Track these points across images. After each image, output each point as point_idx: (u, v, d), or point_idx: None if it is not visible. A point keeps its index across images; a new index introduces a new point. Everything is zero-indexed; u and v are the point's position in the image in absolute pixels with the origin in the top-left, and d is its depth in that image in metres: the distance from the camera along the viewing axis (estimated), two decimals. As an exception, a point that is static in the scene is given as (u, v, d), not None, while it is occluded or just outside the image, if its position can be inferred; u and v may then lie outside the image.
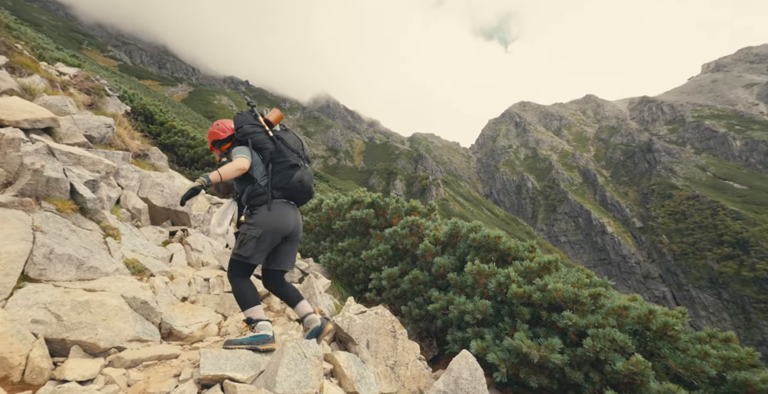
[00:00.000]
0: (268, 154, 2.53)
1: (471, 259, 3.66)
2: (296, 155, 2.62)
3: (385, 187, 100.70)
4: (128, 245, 3.94)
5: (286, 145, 2.61)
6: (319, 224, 6.41)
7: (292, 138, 2.73)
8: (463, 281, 3.62)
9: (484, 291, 3.35)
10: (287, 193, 2.54)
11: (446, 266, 3.87)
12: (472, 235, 3.67)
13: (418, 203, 5.33)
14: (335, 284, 5.49)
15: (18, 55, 5.57)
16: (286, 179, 2.51)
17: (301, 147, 2.73)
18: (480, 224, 3.84)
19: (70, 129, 4.67)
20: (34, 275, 2.61)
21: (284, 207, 2.54)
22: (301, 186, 2.56)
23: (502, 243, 3.45)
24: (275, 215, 2.47)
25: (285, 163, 2.53)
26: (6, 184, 3.13)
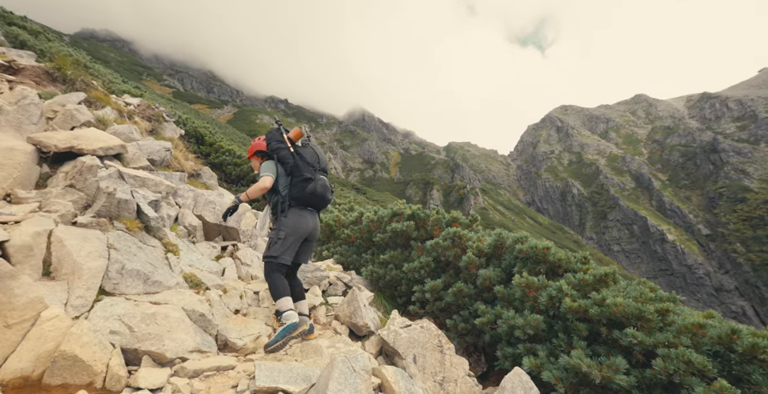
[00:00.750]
0: (289, 168, 2.98)
1: (518, 271, 3.53)
2: (311, 169, 3.02)
3: (421, 198, 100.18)
4: (186, 260, 4.22)
5: (304, 160, 3.01)
6: (360, 237, 6.49)
7: (309, 153, 3.10)
8: (510, 294, 3.50)
9: (534, 305, 3.20)
10: (303, 201, 2.97)
11: (492, 278, 3.76)
12: (519, 246, 3.54)
13: (459, 214, 5.25)
14: (378, 297, 5.50)
15: (94, 90, 6.29)
16: (301, 191, 2.93)
17: (317, 161, 3.12)
18: (526, 234, 3.70)
19: (136, 154, 5.16)
20: (109, 288, 2.87)
21: (301, 213, 2.97)
22: (314, 196, 2.96)
23: (552, 254, 3.30)
24: (294, 220, 2.92)
25: (300, 177, 2.94)
26: (86, 206, 3.51)
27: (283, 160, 2.98)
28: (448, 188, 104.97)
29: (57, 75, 5.93)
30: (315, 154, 3.12)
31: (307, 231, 2.99)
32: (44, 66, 5.97)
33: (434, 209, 5.54)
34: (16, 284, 1.92)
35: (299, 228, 2.92)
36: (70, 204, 3.28)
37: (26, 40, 7.81)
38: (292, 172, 2.97)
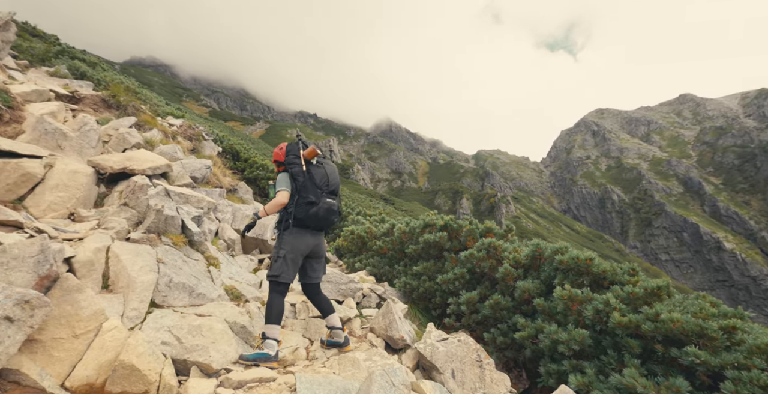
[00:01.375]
0: (298, 186, 2.99)
1: (559, 283, 3.39)
2: (318, 191, 3.00)
3: (451, 207, 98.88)
4: (226, 273, 4.40)
5: (312, 180, 3.01)
6: (392, 248, 6.50)
7: (319, 174, 3.09)
8: (551, 307, 3.36)
9: (578, 319, 3.05)
10: (304, 224, 2.98)
11: (531, 290, 3.64)
12: (559, 257, 3.41)
13: (493, 225, 5.15)
14: (412, 309, 5.45)
15: (142, 114, 6.81)
16: (304, 213, 2.94)
17: (326, 183, 3.09)
18: (567, 245, 3.56)
19: (180, 172, 5.50)
20: (158, 301, 3.04)
21: (301, 232, 2.99)
22: (316, 219, 2.97)
23: (595, 266, 3.14)
24: (293, 239, 2.95)
25: (305, 199, 2.94)
26: (137, 223, 3.77)
27: (294, 177, 3.02)
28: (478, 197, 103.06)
29: (112, 102, 6.48)
30: (325, 176, 3.11)
31: (307, 249, 3.02)
32: (101, 94, 6.54)
33: (467, 219, 5.47)
34: (82, 296, 2.08)
35: (298, 247, 2.96)
36: (124, 221, 3.54)
37: (85, 71, 8.62)
38: (299, 192, 2.98)
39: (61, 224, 3.30)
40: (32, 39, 11.01)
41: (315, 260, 3.22)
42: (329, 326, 3.31)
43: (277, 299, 2.92)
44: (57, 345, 1.90)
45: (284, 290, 2.97)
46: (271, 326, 2.85)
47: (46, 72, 7.91)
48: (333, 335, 3.33)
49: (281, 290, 2.95)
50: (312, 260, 3.20)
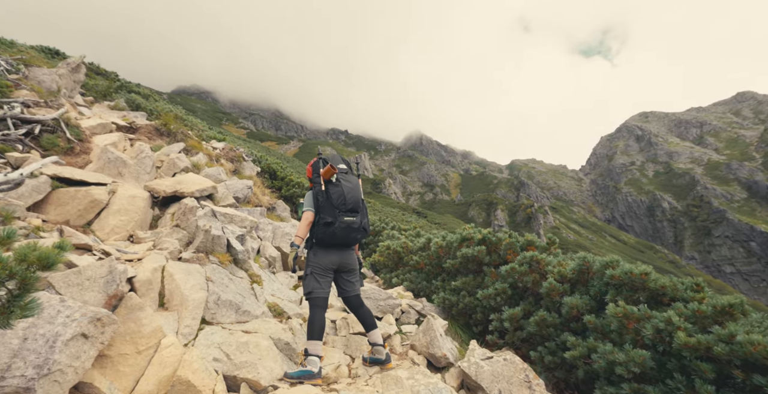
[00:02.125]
0: (318, 205, 3.05)
1: (611, 299, 3.18)
2: (335, 211, 3.00)
3: (485, 219, 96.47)
4: (268, 290, 4.53)
5: (330, 200, 3.03)
6: (429, 263, 6.42)
7: (337, 192, 3.09)
8: (604, 324, 3.15)
9: (636, 338, 2.84)
10: (325, 244, 3.03)
11: (579, 307, 3.44)
12: (609, 271, 3.21)
13: (535, 237, 4.96)
14: (452, 326, 5.32)
15: (190, 139, 7.31)
16: (322, 234, 3.00)
17: (343, 202, 3.06)
18: (617, 258, 3.35)
19: (224, 193, 5.81)
20: (208, 318, 3.18)
21: (324, 250, 3.05)
22: (334, 238, 2.99)
23: (652, 281, 2.92)
24: (319, 256, 3.03)
25: (323, 220, 2.99)
26: (188, 243, 4.00)
27: (316, 195, 3.10)
28: (513, 208, 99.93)
29: (163, 130, 7.03)
30: (342, 195, 3.06)
31: (332, 264, 3.06)
32: (154, 123, 7.11)
33: (506, 232, 5.31)
34: (144, 314, 2.23)
35: (324, 262, 3.02)
36: (176, 242, 3.77)
37: (140, 103, 9.44)
38: (318, 212, 3.03)
39: (122, 245, 3.57)
40: (96, 77, 12.26)
41: (346, 273, 3.23)
42: (371, 342, 3.29)
43: (319, 314, 2.96)
44: (123, 361, 2.03)
45: (324, 304, 3.02)
46: (314, 342, 2.87)
47: (107, 106, 8.75)
48: (374, 351, 3.30)
49: (321, 305, 3.00)
50: (343, 274, 3.22)
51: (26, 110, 4.78)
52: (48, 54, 13.39)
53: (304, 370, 2.77)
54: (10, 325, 1.26)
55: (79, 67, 7.13)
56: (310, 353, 2.83)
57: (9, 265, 1.22)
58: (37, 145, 4.53)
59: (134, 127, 6.76)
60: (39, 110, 5.02)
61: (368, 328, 3.25)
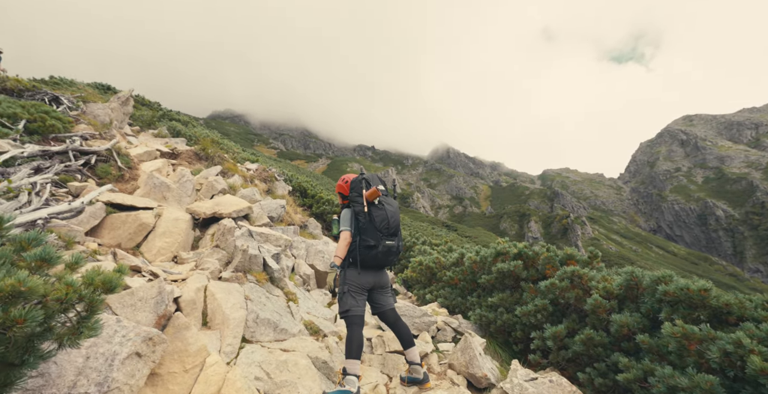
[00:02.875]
0: (359, 226, 3.06)
1: (666, 317, 2.95)
2: (378, 234, 3.02)
3: (518, 231, 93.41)
4: (304, 308, 4.59)
5: (373, 223, 3.03)
6: (463, 279, 6.28)
7: (381, 216, 3.10)
8: (660, 345, 2.93)
9: (699, 361, 2.61)
10: (363, 265, 3.05)
11: (630, 325, 3.22)
12: (662, 287, 3.00)
13: (575, 251, 4.75)
14: (490, 344, 5.13)
15: (226, 162, 7.70)
16: (363, 256, 3.02)
17: (386, 225, 3.09)
18: (670, 273, 3.13)
19: (259, 213, 6.02)
20: (248, 336, 3.26)
21: (363, 271, 3.04)
22: (375, 261, 3.03)
23: (714, 297, 2.69)
24: (354, 277, 3.03)
25: (365, 243, 3.00)
26: (227, 262, 4.16)
27: (356, 215, 3.10)
28: (547, 219, 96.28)
29: (202, 154, 7.45)
30: (386, 219, 3.09)
31: (368, 284, 3.07)
32: (193, 149, 7.57)
33: (543, 245, 5.13)
34: (190, 334, 2.33)
35: (360, 282, 3.03)
36: (216, 262, 3.93)
37: (180, 129, 10.10)
38: (360, 233, 3.04)
39: (167, 266, 3.77)
40: (142, 108, 13.29)
41: (379, 290, 3.23)
42: (409, 360, 3.23)
43: (357, 332, 2.94)
44: (171, 379, 2.12)
45: (361, 322, 3.00)
46: (352, 361, 2.84)
47: (152, 134, 9.42)
48: (412, 370, 3.24)
49: (358, 323, 2.98)
50: (377, 291, 3.23)
51: (84, 143, 5.25)
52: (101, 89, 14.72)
53: (343, 390, 2.75)
54: (78, 344, 1.36)
55: (128, 100, 7.79)
56: (349, 373, 2.81)
57: (79, 288, 1.32)
58: (93, 174, 4.94)
59: (176, 153, 7.22)
60: (95, 142, 5.50)
61: (406, 345, 3.20)
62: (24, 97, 6.63)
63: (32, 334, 1.20)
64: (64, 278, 1.35)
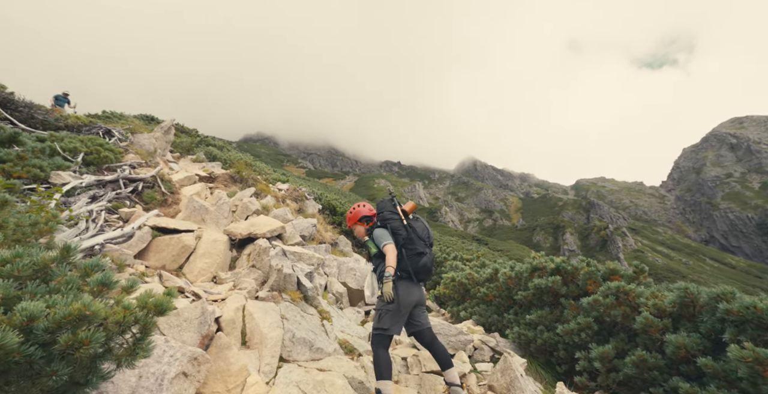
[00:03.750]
0: (401, 239, 3.06)
1: (732, 339, 2.70)
2: (423, 243, 3.10)
3: (552, 244, 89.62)
4: (338, 326, 4.59)
5: (416, 233, 3.10)
6: (498, 295, 6.08)
7: (420, 227, 3.21)
8: (727, 370, 2.68)
9: (773, 388, 2.36)
10: (416, 275, 3.02)
11: (688, 346, 2.97)
12: (723, 305, 2.76)
13: (618, 265, 4.50)
14: (532, 364, 4.88)
15: (259, 184, 8.01)
16: (415, 264, 3.00)
17: (427, 235, 3.19)
18: (732, 290, 2.89)
19: (291, 232, 6.17)
20: (285, 355, 3.29)
21: (409, 285, 2.99)
22: (425, 269, 3.03)
23: (783, 316, 2.44)
24: (403, 293, 2.93)
25: (414, 251, 3.02)
26: (263, 282, 4.27)
27: (395, 231, 3.08)
28: (584, 230, 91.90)
29: (236, 177, 7.80)
30: (425, 229, 3.21)
31: (413, 302, 3.00)
32: (229, 172, 7.95)
33: (582, 259, 4.91)
34: (231, 353, 2.39)
35: (408, 301, 2.94)
36: (253, 281, 4.04)
37: (216, 154, 10.66)
38: (404, 245, 3.05)
39: (207, 286, 3.92)
40: (181, 135, 14.21)
41: (418, 307, 3.18)
42: (448, 382, 3.12)
43: (384, 352, 2.88)
44: (215, 399, 2.17)
45: (389, 343, 2.96)
46: (384, 383, 2.77)
47: (191, 159, 10.00)
48: (452, 392, 3.13)
49: (386, 344, 2.92)
50: (417, 308, 3.17)
51: (132, 171, 5.67)
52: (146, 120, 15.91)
53: None
54: (134, 365, 1.44)
55: (169, 129, 8.36)
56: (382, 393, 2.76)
57: (134, 311, 1.41)
58: (140, 200, 5.29)
59: (213, 177, 7.60)
60: (141, 170, 5.91)
61: (444, 366, 3.09)
62: (82, 132, 7.30)
63: (95, 355, 1.29)
64: (121, 302, 1.44)
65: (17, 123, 6.06)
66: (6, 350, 0.99)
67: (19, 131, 4.77)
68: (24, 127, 5.98)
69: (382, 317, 2.94)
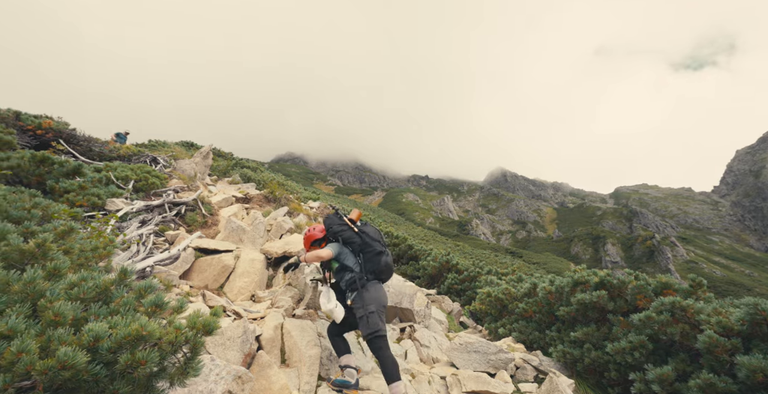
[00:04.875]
0: (357, 246, 3.19)
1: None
2: (378, 243, 3.23)
3: (593, 255, 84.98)
4: (374, 344, 4.54)
5: (370, 237, 3.22)
6: (538, 311, 5.81)
7: (371, 230, 3.32)
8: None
9: None
10: (377, 275, 3.17)
11: (766, 370, 2.69)
12: (797, 321, 2.50)
13: (671, 278, 4.20)
14: (580, 385, 4.58)
15: (292, 203, 8.25)
16: (377, 264, 3.14)
17: (380, 237, 3.33)
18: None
19: (325, 249, 6.26)
20: (323, 374, 3.28)
21: (377, 285, 3.15)
22: (387, 267, 3.19)
23: None
24: (375, 293, 3.07)
25: (373, 252, 3.15)
26: (299, 300, 4.33)
27: (349, 240, 3.19)
28: (627, 241, 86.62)
29: (270, 197, 8.08)
30: (377, 232, 3.34)
31: (386, 301, 3.16)
32: (263, 192, 8.25)
33: (629, 273, 4.62)
34: (272, 372, 2.42)
35: (381, 300, 3.08)
36: (289, 299, 4.11)
37: (251, 175, 11.13)
38: (362, 250, 3.17)
39: (247, 304, 4.02)
40: (218, 159, 15.00)
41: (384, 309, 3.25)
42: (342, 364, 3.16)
43: (389, 352, 2.90)
44: (258, 418, 2.20)
45: (387, 343, 2.99)
46: (398, 384, 2.79)
47: (227, 181, 10.49)
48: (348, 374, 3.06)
49: (386, 344, 2.95)
50: None
51: (176, 195, 6.03)
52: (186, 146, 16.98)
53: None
54: (185, 383, 1.49)
55: (207, 154, 8.86)
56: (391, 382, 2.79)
57: (185, 332, 1.47)
58: (183, 222, 5.59)
59: (248, 198, 7.91)
60: (183, 194, 6.27)
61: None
62: (132, 160, 7.91)
63: (151, 374, 1.35)
64: (173, 322, 1.51)
65: (78, 156, 6.68)
66: (77, 369, 1.06)
67: (81, 164, 5.25)
68: (84, 160, 6.57)
69: (369, 320, 2.94)
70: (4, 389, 0.98)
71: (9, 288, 1.31)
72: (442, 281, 10.36)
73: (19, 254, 1.61)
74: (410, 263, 13.29)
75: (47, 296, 1.31)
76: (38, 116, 7.25)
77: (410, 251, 13.33)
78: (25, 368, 1.00)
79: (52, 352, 1.08)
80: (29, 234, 2.00)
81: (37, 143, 6.57)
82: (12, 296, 1.28)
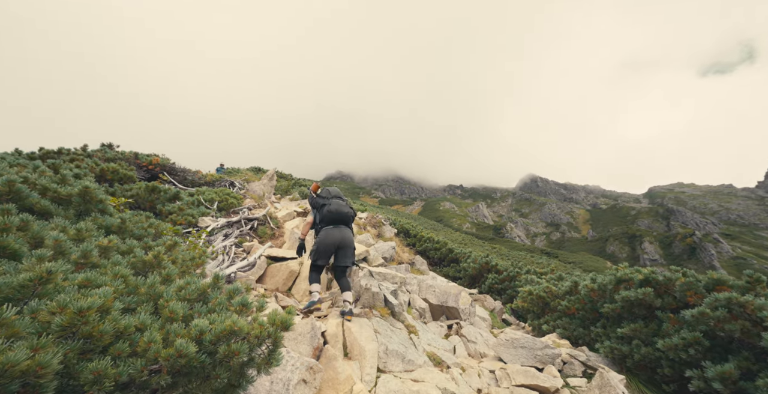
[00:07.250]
0: (319, 206, 3.90)
1: None
2: (325, 198, 3.92)
3: (630, 254, 77.28)
4: (424, 340, 4.42)
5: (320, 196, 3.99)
6: (581, 308, 5.36)
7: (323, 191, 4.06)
8: None
9: None
10: (327, 221, 3.79)
11: (842, 368, 2.25)
12: None
13: (724, 275, 3.69)
14: (632, 381, 4.11)
15: (344, 215, 8.43)
16: (324, 214, 3.79)
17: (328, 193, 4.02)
18: None
19: (374, 255, 6.29)
20: (381, 366, 3.24)
21: (327, 230, 3.75)
22: (330, 213, 3.77)
23: None
24: (323, 235, 3.73)
25: (324, 207, 3.82)
26: (356, 300, 4.36)
27: (313, 205, 3.94)
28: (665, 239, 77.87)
29: (326, 210, 8.34)
30: (326, 190, 4.05)
31: (335, 242, 3.68)
32: (319, 207, 8.53)
33: (675, 269, 4.14)
34: (338, 364, 2.44)
35: (327, 241, 3.67)
36: (348, 299, 4.15)
37: (308, 193, 11.57)
38: (318, 207, 3.88)
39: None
40: (280, 180, 15.85)
41: (343, 248, 3.75)
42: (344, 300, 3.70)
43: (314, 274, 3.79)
44: (329, 405, 2.21)
45: (320, 269, 3.82)
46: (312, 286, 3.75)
47: (288, 198, 10.99)
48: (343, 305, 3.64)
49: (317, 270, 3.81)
50: (341, 249, 3.75)
51: (249, 212, 6.43)
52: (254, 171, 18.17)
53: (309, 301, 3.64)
54: (269, 371, 1.54)
55: (272, 176, 9.39)
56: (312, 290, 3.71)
57: (268, 327, 1.53)
58: (255, 235, 5.92)
59: (306, 212, 8.21)
60: (255, 211, 6.67)
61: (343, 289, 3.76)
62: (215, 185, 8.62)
63: (243, 363, 1.42)
64: (257, 319, 1.59)
65: (176, 184, 7.40)
66: (189, 357, 1.15)
67: (179, 190, 5.81)
68: (181, 187, 7.27)
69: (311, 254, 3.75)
70: (141, 371, 1.08)
71: (138, 290, 1.46)
72: (483, 281, 9.94)
73: (142, 263, 1.79)
74: (451, 265, 12.91)
75: (164, 297, 1.44)
76: (149, 155, 8.18)
77: (451, 254, 12.98)
78: (153, 354, 1.10)
79: (170, 342, 1.18)
80: (147, 248, 2.22)
81: (149, 176, 7.42)
82: (140, 297, 1.43)
